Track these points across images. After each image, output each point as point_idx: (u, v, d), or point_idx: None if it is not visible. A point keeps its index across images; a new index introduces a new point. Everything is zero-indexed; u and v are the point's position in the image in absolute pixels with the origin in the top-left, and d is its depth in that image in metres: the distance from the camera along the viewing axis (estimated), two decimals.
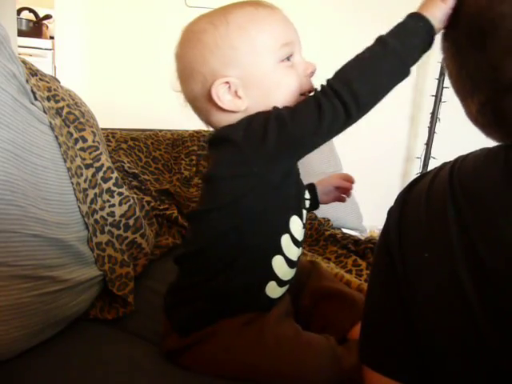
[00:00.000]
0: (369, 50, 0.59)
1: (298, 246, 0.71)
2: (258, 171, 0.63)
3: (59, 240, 0.72)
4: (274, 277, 0.69)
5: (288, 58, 0.67)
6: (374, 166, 2.46)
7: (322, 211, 1.48)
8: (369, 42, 0.60)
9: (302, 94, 0.68)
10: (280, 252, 0.68)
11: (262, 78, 0.66)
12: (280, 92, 0.66)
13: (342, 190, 0.88)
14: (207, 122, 0.72)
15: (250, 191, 0.64)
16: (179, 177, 1.49)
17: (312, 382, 0.63)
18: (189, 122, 0.80)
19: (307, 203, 0.78)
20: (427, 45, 0.58)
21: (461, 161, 0.49)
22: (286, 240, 0.69)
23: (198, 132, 1.65)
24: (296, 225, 0.70)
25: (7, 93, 0.69)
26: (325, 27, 2.36)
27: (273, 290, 0.69)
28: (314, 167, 1.61)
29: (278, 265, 0.68)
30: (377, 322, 0.52)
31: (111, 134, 1.38)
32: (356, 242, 1.30)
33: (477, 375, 0.43)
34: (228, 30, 0.65)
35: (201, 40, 0.66)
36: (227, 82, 0.66)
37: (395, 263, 0.50)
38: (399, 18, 0.59)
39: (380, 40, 0.59)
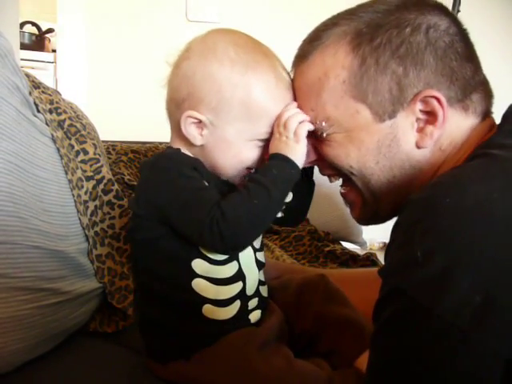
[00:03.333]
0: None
1: (227, 263, 0.65)
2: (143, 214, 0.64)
3: (60, 252, 0.72)
4: (205, 300, 0.63)
5: (263, 140, 0.67)
6: None
7: (322, 224, 1.49)
8: None
9: (249, 168, 0.68)
10: (197, 276, 0.63)
11: (229, 140, 0.65)
12: (233, 159, 0.67)
13: None
14: (170, 122, 0.70)
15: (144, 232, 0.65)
16: None
17: None
18: None
19: None
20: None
21: None
22: (199, 263, 0.63)
23: None
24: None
25: (11, 105, 0.70)
26: None
27: (216, 313, 0.64)
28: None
29: (201, 287, 0.63)
30: None
31: (112, 147, 1.38)
32: (355, 258, 1.30)
33: None
34: (248, 88, 0.64)
35: (218, 70, 0.64)
36: (200, 121, 0.64)
37: None
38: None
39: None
